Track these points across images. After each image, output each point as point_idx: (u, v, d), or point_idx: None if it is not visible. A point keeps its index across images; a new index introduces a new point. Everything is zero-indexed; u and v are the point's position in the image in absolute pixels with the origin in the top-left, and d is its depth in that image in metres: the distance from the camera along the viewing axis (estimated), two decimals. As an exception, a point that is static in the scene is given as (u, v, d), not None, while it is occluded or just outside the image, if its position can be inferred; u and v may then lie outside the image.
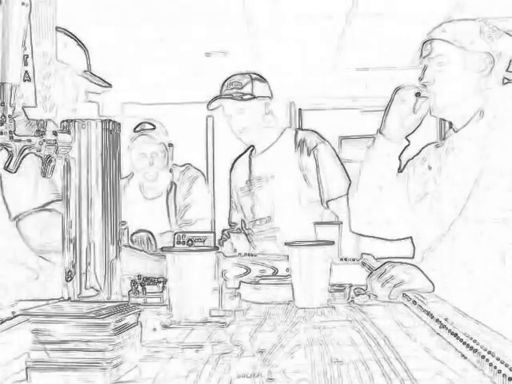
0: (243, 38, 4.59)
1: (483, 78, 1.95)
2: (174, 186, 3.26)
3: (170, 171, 3.27)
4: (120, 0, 3.77)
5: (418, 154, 2.18)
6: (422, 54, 2.04)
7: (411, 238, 2.11)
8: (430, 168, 2.08)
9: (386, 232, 2.16)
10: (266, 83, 3.02)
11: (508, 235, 1.83)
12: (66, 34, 2.10)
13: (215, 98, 2.99)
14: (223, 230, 3.03)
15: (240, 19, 4.18)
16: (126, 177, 3.30)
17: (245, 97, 2.93)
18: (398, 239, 2.16)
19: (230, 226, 3.20)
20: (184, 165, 3.34)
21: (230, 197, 3.23)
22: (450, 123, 2.07)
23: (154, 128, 3.21)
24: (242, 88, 2.94)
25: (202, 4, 3.85)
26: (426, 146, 2.18)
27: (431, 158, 2.10)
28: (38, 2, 1.74)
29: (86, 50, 2.24)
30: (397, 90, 2.08)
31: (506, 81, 1.96)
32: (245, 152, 3.16)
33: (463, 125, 1.99)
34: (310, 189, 2.94)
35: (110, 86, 2.31)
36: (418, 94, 1.98)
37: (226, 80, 3.01)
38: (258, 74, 3.00)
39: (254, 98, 2.94)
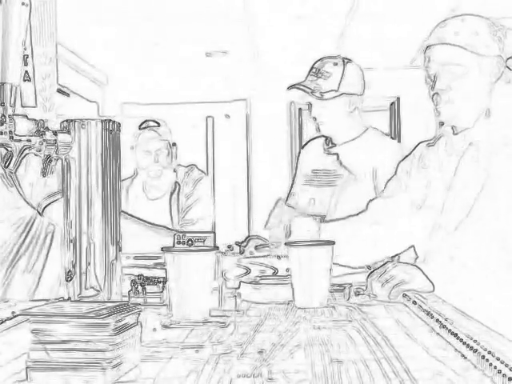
0: (243, 38, 4.59)
1: (494, 81, 1.90)
2: (177, 187, 3.26)
3: (174, 171, 3.27)
4: (120, 0, 3.77)
5: (409, 154, 2.14)
6: (429, 59, 1.95)
7: (413, 246, 2.08)
8: (424, 167, 2.05)
9: (389, 249, 2.12)
10: (360, 76, 2.67)
11: (510, 235, 1.83)
12: None
13: (295, 86, 2.66)
14: (248, 237, 2.73)
15: (240, 19, 4.18)
16: (130, 177, 3.30)
17: (326, 95, 2.60)
18: (401, 252, 2.12)
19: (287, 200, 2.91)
20: (188, 165, 3.33)
21: (294, 177, 2.91)
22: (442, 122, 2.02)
23: (159, 125, 3.22)
24: (328, 78, 2.61)
25: (201, 4, 3.85)
26: (418, 145, 2.14)
27: (426, 157, 2.07)
28: (38, 2, 1.74)
29: None
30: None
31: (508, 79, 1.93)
32: (319, 136, 2.84)
33: (468, 126, 1.95)
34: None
35: None
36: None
37: (318, 61, 2.66)
38: (351, 61, 2.65)
39: (336, 96, 2.62)
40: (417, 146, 2.13)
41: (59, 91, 2.20)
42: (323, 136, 2.83)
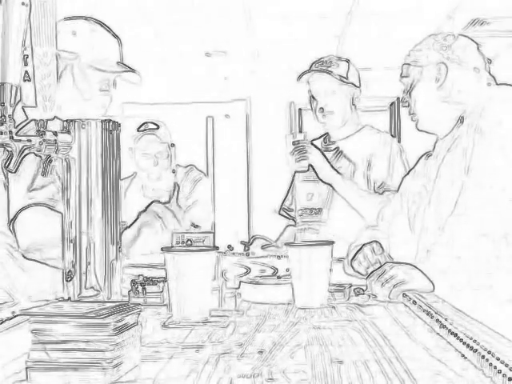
0: (243, 38, 4.59)
1: (444, 88, 2.05)
2: (177, 187, 3.25)
3: (173, 172, 3.26)
4: (119, 0, 3.77)
5: (412, 169, 2.23)
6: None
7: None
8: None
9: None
10: (358, 75, 2.86)
11: (505, 233, 1.83)
12: (97, 23, 2.07)
13: (308, 71, 2.79)
14: (253, 237, 2.76)
15: (240, 19, 4.18)
16: (129, 177, 3.29)
17: (343, 79, 2.76)
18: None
19: (281, 209, 3.01)
20: (187, 166, 3.33)
21: (291, 186, 3.01)
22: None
23: (158, 128, 3.21)
24: (337, 67, 2.76)
25: (201, 4, 3.85)
26: (420, 158, 2.22)
27: (424, 170, 2.14)
28: (38, 1, 1.74)
29: (118, 39, 2.23)
30: None
31: (490, 83, 2.03)
32: (318, 138, 2.97)
33: (446, 134, 2.08)
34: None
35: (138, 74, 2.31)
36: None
37: (320, 59, 2.82)
38: (349, 61, 2.83)
39: (349, 83, 2.78)
40: (419, 160, 2.22)
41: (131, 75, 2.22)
42: (322, 136, 2.95)
